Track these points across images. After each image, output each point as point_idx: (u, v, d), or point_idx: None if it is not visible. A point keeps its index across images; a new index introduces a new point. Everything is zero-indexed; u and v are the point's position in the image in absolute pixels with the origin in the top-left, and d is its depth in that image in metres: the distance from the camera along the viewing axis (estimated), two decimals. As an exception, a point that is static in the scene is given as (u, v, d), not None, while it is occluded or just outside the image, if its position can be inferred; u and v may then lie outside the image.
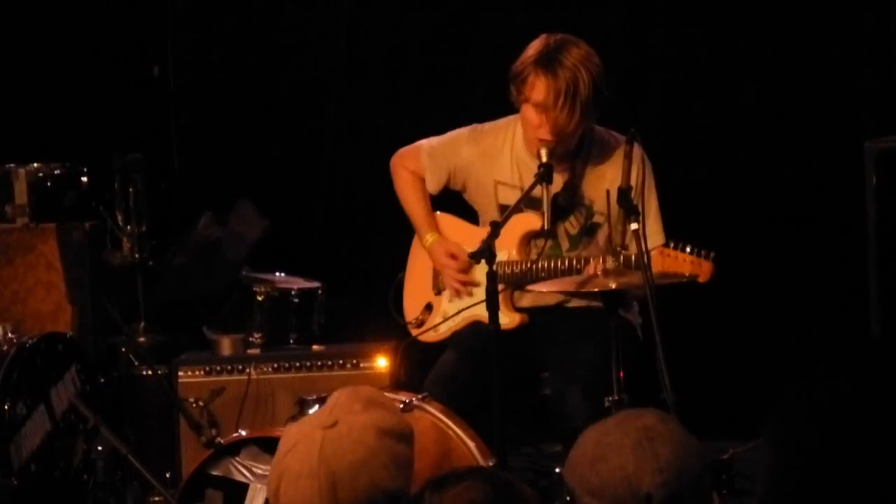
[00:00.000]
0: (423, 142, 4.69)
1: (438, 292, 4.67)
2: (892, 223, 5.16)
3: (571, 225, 4.51)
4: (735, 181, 5.85)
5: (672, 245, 4.21)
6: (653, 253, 4.13)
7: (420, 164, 4.67)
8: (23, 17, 6.22)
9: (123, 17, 6.32)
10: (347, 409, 2.87)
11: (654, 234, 4.35)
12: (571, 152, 4.45)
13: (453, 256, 4.57)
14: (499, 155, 4.53)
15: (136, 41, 6.36)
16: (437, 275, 4.71)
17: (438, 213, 4.73)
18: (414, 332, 4.68)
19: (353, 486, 2.79)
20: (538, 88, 4.28)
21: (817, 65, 5.73)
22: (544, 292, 4.42)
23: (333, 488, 2.78)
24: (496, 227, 3.93)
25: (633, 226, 3.81)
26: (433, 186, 4.67)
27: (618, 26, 5.86)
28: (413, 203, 4.70)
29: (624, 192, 3.87)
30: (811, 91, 5.75)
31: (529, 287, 4.36)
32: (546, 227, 4.27)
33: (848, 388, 1.69)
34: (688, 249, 4.18)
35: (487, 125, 4.61)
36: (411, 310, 4.75)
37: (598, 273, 3.96)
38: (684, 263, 4.16)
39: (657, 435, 2.43)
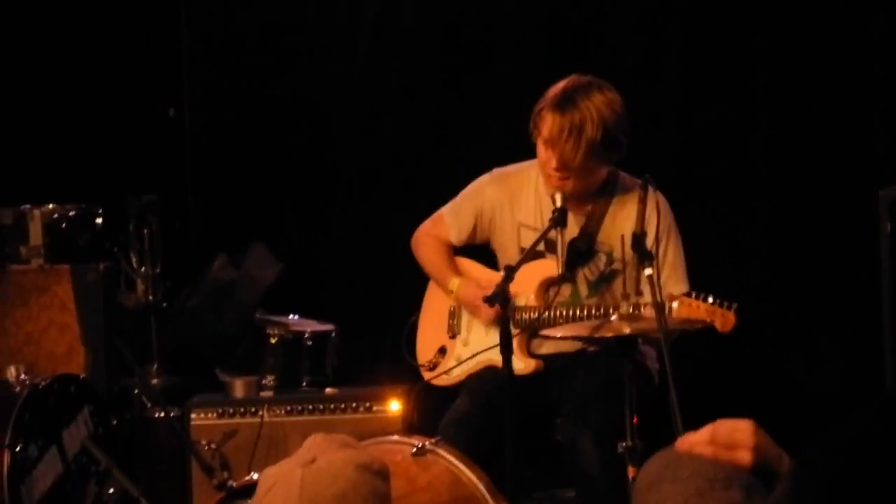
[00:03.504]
0: (441, 209, 4.69)
1: (453, 336, 4.65)
2: (906, 271, 5.15)
3: (591, 271, 4.49)
4: (749, 229, 5.84)
5: (694, 295, 4.19)
6: (674, 302, 4.12)
7: (443, 228, 4.66)
8: (39, 59, 6.25)
9: (139, 59, 6.36)
10: (324, 448, 2.89)
11: (676, 282, 4.35)
12: (593, 196, 4.45)
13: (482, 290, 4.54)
14: (522, 196, 4.53)
15: (151, 83, 6.39)
16: (451, 318, 4.69)
17: (457, 257, 4.70)
18: (427, 375, 4.67)
19: None
20: (547, 123, 4.29)
21: (831, 113, 5.73)
22: (562, 340, 4.41)
23: None
24: (510, 272, 3.92)
25: (648, 271, 3.78)
26: (457, 236, 4.64)
27: (630, 69, 5.87)
28: (434, 261, 4.67)
29: (638, 238, 3.84)
30: (824, 140, 5.75)
31: (543, 332, 4.35)
32: (561, 272, 4.26)
33: (865, 444, 1.67)
34: (710, 300, 4.14)
35: (510, 167, 4.61)
36: (424, 353, 4.73)
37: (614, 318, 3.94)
38: (705, 313, 4.12)
39: None
